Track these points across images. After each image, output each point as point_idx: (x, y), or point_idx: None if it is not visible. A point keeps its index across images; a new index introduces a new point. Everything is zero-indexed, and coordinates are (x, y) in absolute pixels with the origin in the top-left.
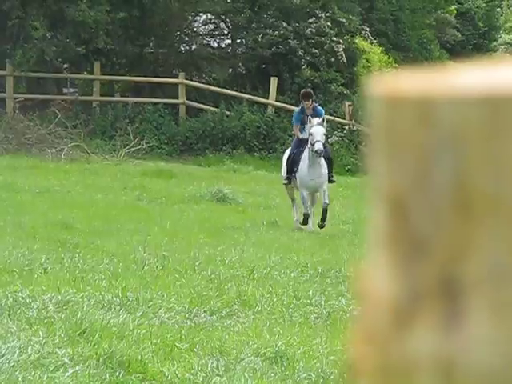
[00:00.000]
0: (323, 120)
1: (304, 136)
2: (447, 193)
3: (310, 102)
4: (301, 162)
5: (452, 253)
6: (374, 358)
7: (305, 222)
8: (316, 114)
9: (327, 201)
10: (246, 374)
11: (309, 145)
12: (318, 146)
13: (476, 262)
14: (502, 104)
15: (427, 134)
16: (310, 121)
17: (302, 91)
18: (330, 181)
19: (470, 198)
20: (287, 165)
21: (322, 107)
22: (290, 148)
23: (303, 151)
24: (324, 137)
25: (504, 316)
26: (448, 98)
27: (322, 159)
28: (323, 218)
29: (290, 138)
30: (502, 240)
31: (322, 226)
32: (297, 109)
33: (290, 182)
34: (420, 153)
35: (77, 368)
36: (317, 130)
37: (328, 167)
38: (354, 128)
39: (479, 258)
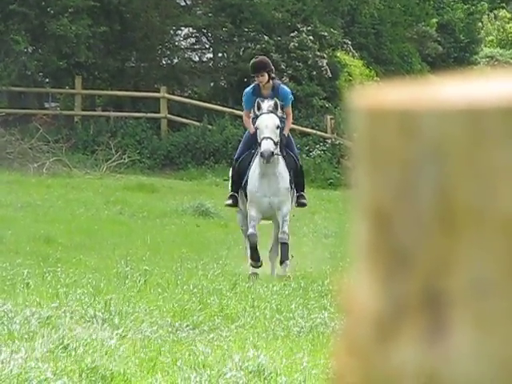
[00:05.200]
0: (281, 107)
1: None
2: (430, 205)
3: (266, 78)
4: (250, 171)
5: (435, 265)
6: (358, 370)
7: (254, 255)
8: (277, 97)
9: (286, 231)
10: None
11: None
12: (266, 146)
13: (459, 274)
14: (483, 116)
15: (410, 147)
16: (257, 106)
17: (252, 61)
18: (299, 203)
19: (453, 210)
20: (232, 176)
21: (292, 92)
22: (238, 147)
23: (255, 154)
24: (277, 131)
25: (487, 328)
26: (430, 110)
27: (282, 168)
28: (283, 256)
29: None
30: (485, 252)
31: (282, 263)
32: (247, 88)
33: (235, 203)
34: (403, 165)
35: (59, 382)
36: (264, 121)
37: (296, 182)
38: (336, 142)
39: (462, 270)
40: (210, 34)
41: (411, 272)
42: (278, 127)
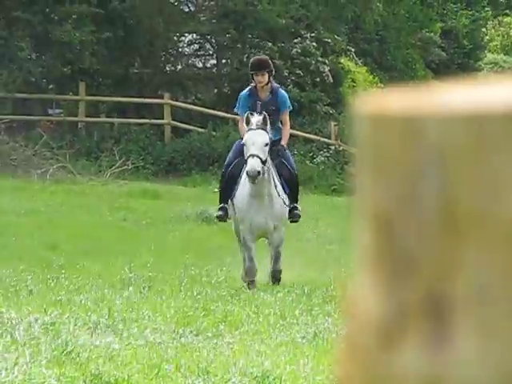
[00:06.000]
0: (281, 112)
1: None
2: (433, 210)
3: (266, 79)
4: (240, 184)
5: (439, 270)
6: (361, 376)
7: (250, 285)
8: (274, 102)
9: (278, 268)
10: None
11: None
12: (251, 166)
13: (463, 279)
14: (486, 122)
15: (413, 152)
16: (246, 120)
17: (252, 59)
18: (293, 215)
19: (456, 214)
20: (221, 182)
21: (292, 102)
22: (228, 156)
23: (245, 165)
24: (265, 149)
25: (490, 333)
26: (434, 116)
27: (273, 189)
28: (274, 281)
29: None
30: (489, 257)
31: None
32: (243, 91)
33: (226, 216)
34: (406, 170)
35: None
36: (252, 138)
37: (290, 194)
38: (340, 148)
39: (466, 275)
40: (213, 41)
41: (414, 277)
42: (266, 145)
